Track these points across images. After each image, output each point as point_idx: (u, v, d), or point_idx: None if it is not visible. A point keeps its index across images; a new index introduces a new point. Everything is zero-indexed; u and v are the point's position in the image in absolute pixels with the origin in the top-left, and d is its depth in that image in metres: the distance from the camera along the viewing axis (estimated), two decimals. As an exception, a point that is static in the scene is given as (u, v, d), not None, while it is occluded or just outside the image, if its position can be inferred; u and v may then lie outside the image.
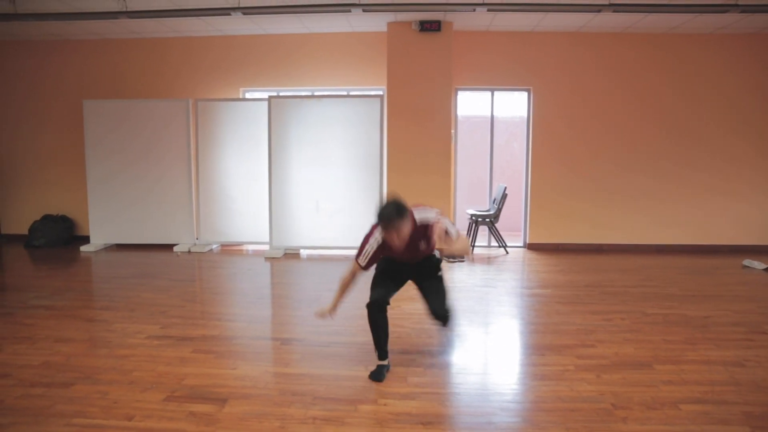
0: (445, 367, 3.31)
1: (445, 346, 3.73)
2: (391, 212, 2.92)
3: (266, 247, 7.43)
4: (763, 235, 7.77)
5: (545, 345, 3.82)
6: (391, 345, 3.75)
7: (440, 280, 3.39)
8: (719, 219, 7.76)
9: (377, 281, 3.34)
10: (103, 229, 7.63)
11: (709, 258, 7.23)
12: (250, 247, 7.71)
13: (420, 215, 3.10)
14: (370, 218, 8.30)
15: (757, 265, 6.60)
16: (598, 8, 6.06)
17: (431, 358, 3.47)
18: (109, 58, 7.94)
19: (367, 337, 3.89)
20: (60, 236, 7.79)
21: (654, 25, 7.03)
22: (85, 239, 7.79)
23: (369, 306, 3.21)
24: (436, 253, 3.41)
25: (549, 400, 2.90)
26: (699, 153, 7.66)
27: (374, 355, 3.30)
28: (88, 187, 7.58)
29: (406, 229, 2.95)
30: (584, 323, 4.26)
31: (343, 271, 3.28)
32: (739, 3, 5.92)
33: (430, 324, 4.23)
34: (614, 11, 6.12)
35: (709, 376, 3.27)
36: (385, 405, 2.82)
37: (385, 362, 3.27)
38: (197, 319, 4.33)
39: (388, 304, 3.24)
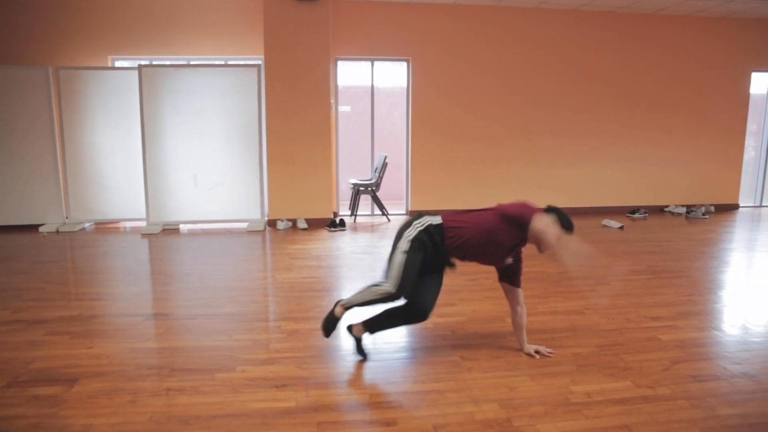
0: (307, 333, 3.37)
1: (310, 313, 3.79)
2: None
3: (144, 224, 7.13)
4: (620, 196, 8.52)
5: (410, 306, 3.98)
6: (259, 314, 3.78)
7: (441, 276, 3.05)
8: (585, 183, 8.40)
9: (425, 281, 2.91)
10: (-45, 211, 6.97)
11: (576, 219, 7.79)
12: (128, 224, 7.37)
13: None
14: (250, 190, 8.13)
15: (614, 224, 7.23)
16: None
17: (295, 324, 3.52)
18: (-48, 20, 7.17)
19: (235, 307, 3.89)
20: None
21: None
22: (-65, 222, 7.09)
23: (418, 314, 2.87)
24: None
25: (403, 358, 3.05)
26: (568, 124, 8.20)
27: (239, 324, 3.26)
28: (-66, 164, 6.87)
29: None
30: (450, 284, 4.48)
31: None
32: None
33: (298, 292, 4.30)
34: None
35: (552, 325, 3.57)
36: (242, 372, 2.84)
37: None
38: (56, 300, 4.10)
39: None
